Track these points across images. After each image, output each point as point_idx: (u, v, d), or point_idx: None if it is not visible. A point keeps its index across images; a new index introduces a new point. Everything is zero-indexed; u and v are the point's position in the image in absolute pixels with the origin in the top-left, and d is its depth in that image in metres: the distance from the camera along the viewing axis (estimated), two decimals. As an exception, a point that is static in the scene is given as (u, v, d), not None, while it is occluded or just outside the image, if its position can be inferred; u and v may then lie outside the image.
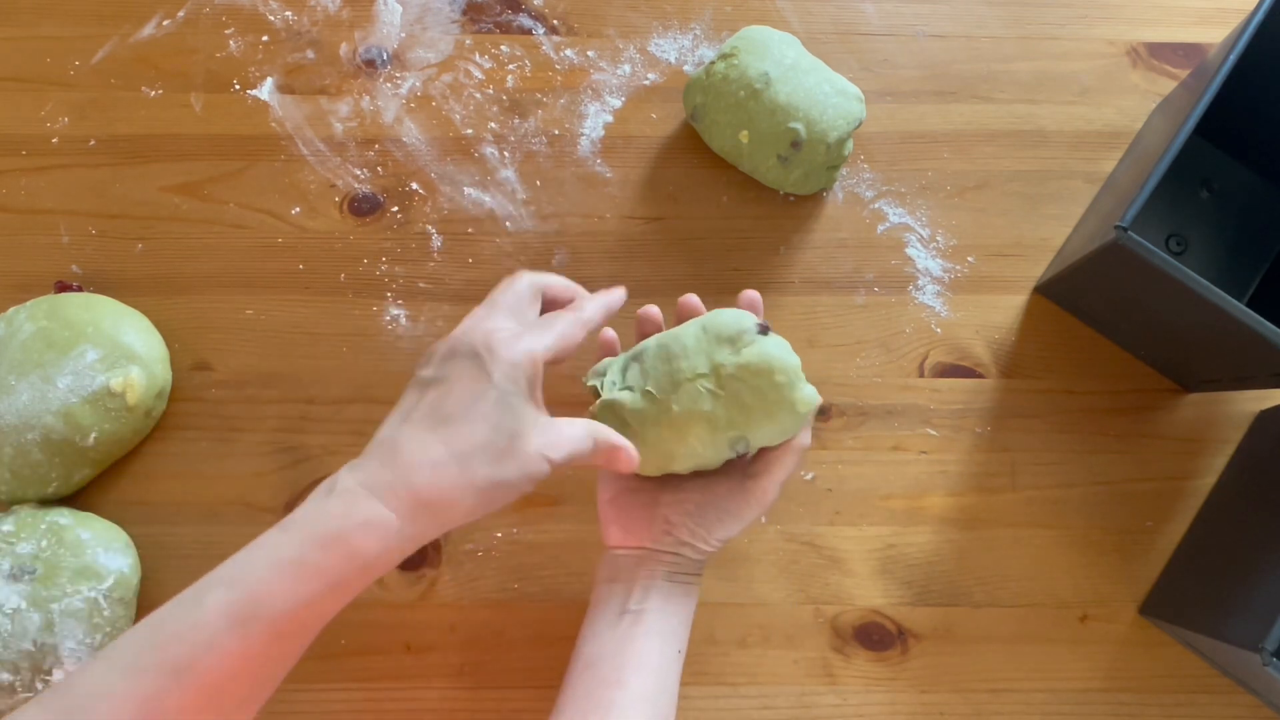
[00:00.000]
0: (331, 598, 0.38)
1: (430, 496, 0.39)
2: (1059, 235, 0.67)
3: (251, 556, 0.37)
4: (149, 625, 0.36)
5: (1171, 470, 0.62)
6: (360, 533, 0.38)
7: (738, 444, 0.48)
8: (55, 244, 0.65)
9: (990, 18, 0.72)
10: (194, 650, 0.35)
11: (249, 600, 0.36)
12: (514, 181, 0.67)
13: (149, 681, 0.35)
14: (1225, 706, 0.57)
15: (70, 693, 0.35)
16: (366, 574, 0.38)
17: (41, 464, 0.56)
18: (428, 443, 0.39)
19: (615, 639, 0.46)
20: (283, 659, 0.38)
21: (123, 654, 0.36)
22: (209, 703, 0.35)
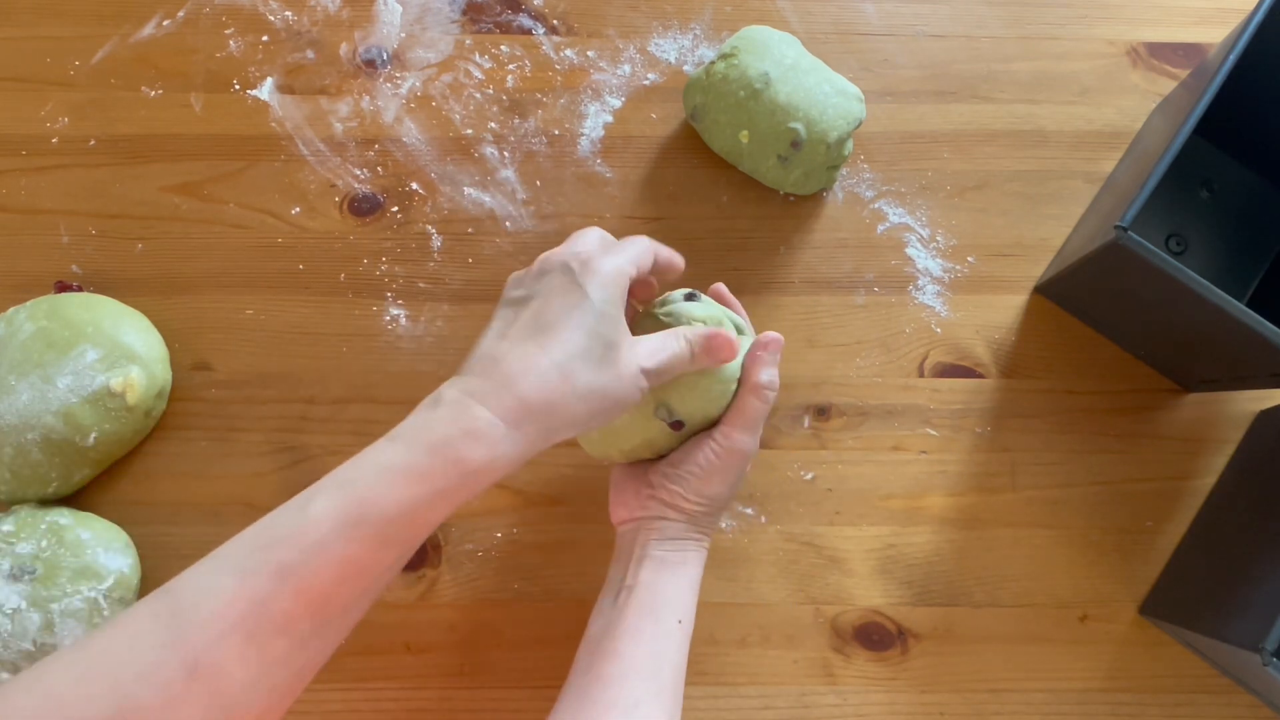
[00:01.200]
0: (438, 504, 0.38)
1: (535, 402, 0.39)
2: (1059, 235, 0.67)
3: (359, 464, 0.38)
4: (256, 530, 0.37)
5: (1171, 470, 0.62)
6: (467, 440, 0.38)
7: (661, 412, 0.48)
8: (55, 244, 0.65)
9: (990, 18, 0.72)
10: (302, 554, 0.35)
11: (357, 505, 0.36)
12: (514, 181, 0.67)
13: (257, 583, 0.35)
14: (1225, 706, 0.57)
15: (179, 592, 0.35)
16: (473, 482, 0.38)
17: (41, 464, 0.56)
18: (528, 351, 0.40)
19: (613, 614, 0.46)
20: (387, 566, 0.38)
21: (231, 556, 0.36)
22: (316, 607, 0.36)
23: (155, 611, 0.35)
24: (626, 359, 0.41)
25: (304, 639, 0.36)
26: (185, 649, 0.34)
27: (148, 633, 0.34)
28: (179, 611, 0.35)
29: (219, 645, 0.34)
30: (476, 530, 0.59)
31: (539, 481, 0.60)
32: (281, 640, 0.35)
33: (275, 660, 0.35)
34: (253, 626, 0.35)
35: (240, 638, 0.34)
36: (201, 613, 0.35)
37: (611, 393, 0.41)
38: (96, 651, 0.34)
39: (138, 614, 0.35)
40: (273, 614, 0.35)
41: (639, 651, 0.45)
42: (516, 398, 0.39)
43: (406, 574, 0.58)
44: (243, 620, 0.35)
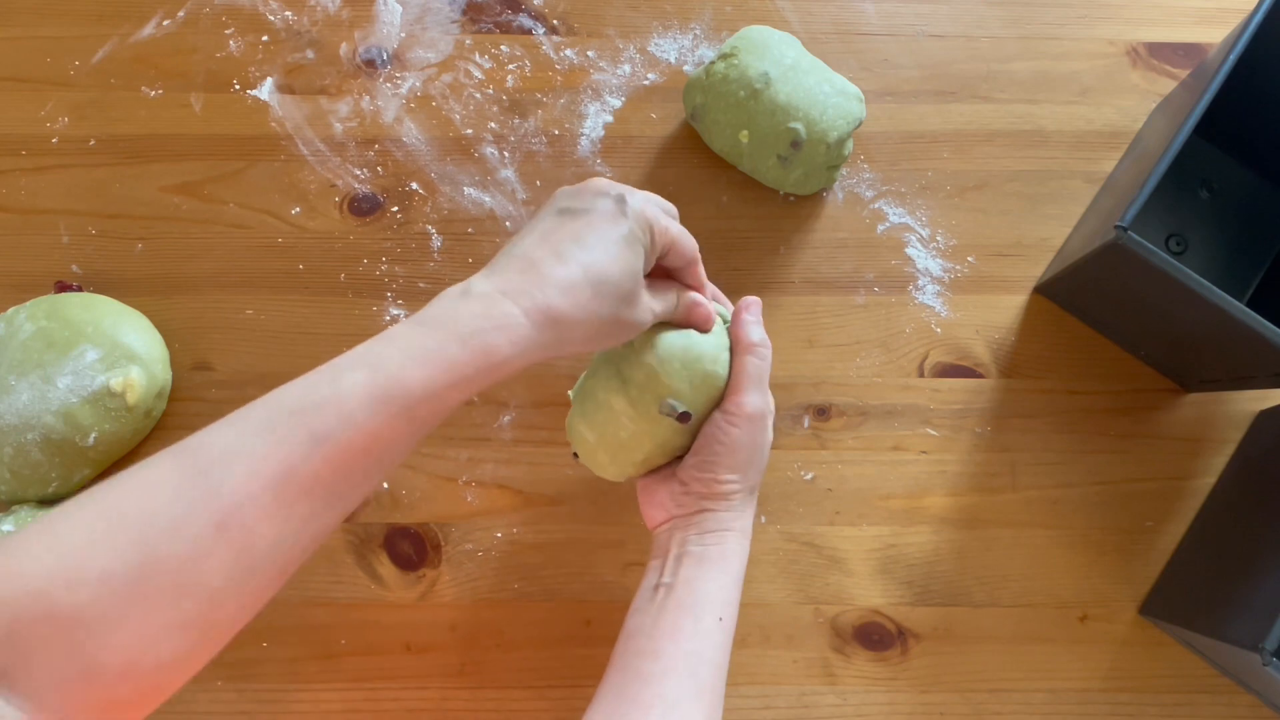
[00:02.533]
0: (463, 388, 0.40)
1: (561, 312, 0.41)
2: (1059, 235, 0.67)
3: (388, 346, 0.39)
4: (284, 394, 0.38)
5: (1171, 470, 0.62)
6: (495, 333, 0.40)
7: (664, 407, 0.48)
8: (55, 244, 0.65)
9: (990, 18, 0.72)
10: (334, 422, 0.37)
11: (388, 382, 0.38)
12: (514, 181, 0.67)
13: (289, 447, 0.36)
14: (1225, 706, 0.57)
15: (205, 448, 0.36)
16: (496, 372, 0.40)
17: (41, 464, 0.56)
18: (567, 263, 0.42)
19: (651, 612, 0.46)
20: (408, 440, 0.40)
21: (259, 419, 0.37)
22: (342, 472, 0.37)
23: (181, 466, 0.36)
24: (644, 298, 0.45)
25: (328, 501, 0.38)
26: (215, 504, 0.35)
27: (175, 486, 0.35)
28: (208, 468, 0.35)
29: (249, 503, 0.35)
30: (476, 530, 0.59)
31: (539, 481, 0.60)
32: (306, 502, 0.37)
33: (300, 520, 0.37)
34: (281, 487, 0.36)
35: (270, 497, 0.35)
36: (233, 470, 0.35)
37: (625, 323, 0.44)
38: (124, 500, 0.35)
39: (161, 468, 0.36)
40: (302, 477, 0.36)
41: (678, 651, 0.45)
42: (546, 302, 0.41)
43: (406, 574, 0.58)
44: (273, 481, 0.36)
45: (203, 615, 0.35)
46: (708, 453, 0.49)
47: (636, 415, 0.48)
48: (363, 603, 0.58)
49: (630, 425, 0.49)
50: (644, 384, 0.48)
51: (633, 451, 0.50)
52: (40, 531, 0.33)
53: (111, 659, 0.33)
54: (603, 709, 0.43)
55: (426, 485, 0.60)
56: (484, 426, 0.61)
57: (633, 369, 0.48)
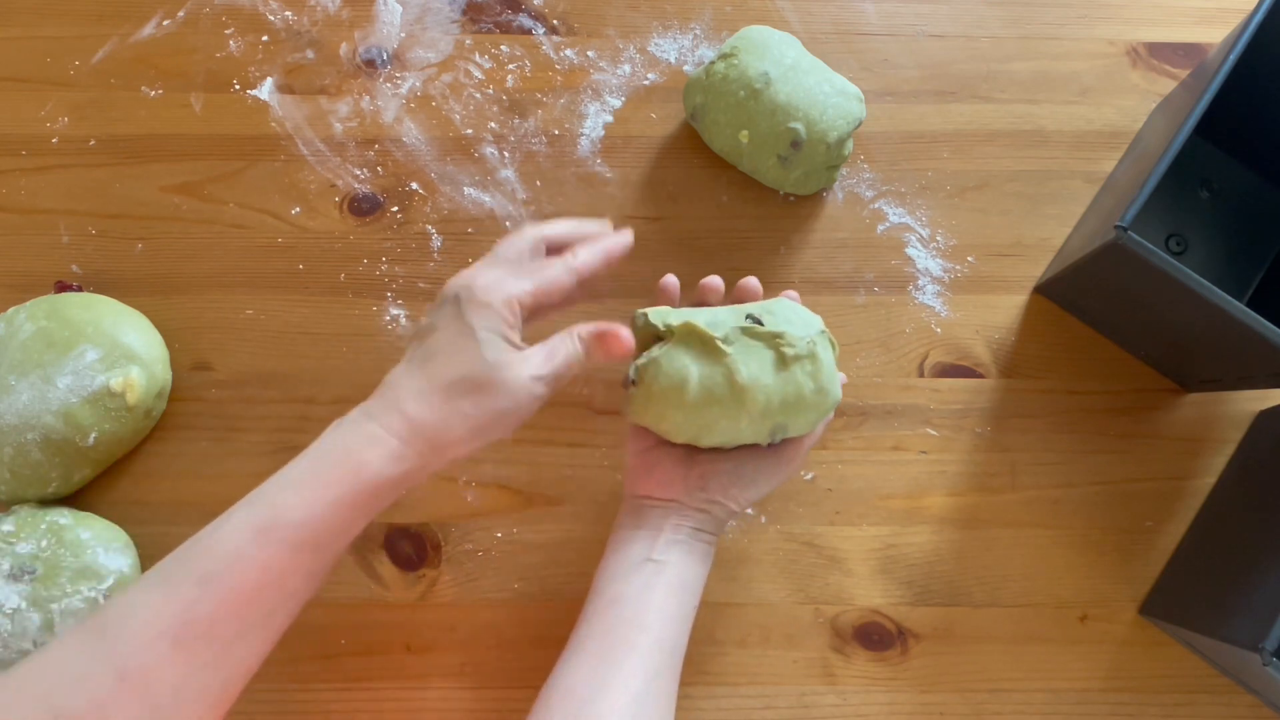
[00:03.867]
0: (344, 512, 0.41)
1: (421, 421, 0.42)
2: (1059, 235, 0.67)
3: (270, 481, 0.42)
4: (177, 551, 0.39)
5: (1171, 470, 0.62)
6: (364, 450, 0.42)
7: (776, 433, 0.49)
8: (55, 244, 0.65)
9: (990, 18, 0.72)
10: (220, 562, 0.39)
11: (268, 513, 0.40)
12: (514, 181, 0.67)
13: (180, 593, 0.38)
14: (1225, 706, 0.57)
15: (107, 611, 0.38)
16: (374, 492, 0.42)
17: (41, 464, 0.56)
18: (416, 378, 0.44)
19: (638, 583, 0.47)
20: (307, 572, 0.41)
21: (156, 572, 0.39)
22: (237, 612, 0.38)
23: (85, 629, 0.37)
24: (516, 375, 0.44)
25: (229, 643, 0.39)
26: (114, 657, 0.36)
27: (77, 647, 0.37)
28: (107, 625, 0.37)
29: (146, 651, 0.36)
30: (476, 530, 0.59)
31: (539, 481, 0.60)
32: (206, 645, 0.38)
33: (202, 664, 0.38)
34: (178, 632, 0.37)
35: (167, 644, 0.37)
36: (129, 624, 0.37)
37: (500, 409, 0.43)
38: (29, 670, 0.36)
39: (66, 637, 0.37)
40: (197, 619, 0.38)
41: (665, 628, 0.47)
42: (406, 417, 0.42)
43: (406, 574, 0.58)
44: (169, 627, 0.37)
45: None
46: (748, 477, 0.50)
47: (751, 422, 0.48)
48: (363, 603, 0.58)
49: (744, 424, 0.49)
50: (788, 404, 0.48)
51: (709, 436, 0.49)
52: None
53: None
54: (585, 666, 0.45)
55: (426, 485, 0.60)
56: (484, 426, 0.61)
57: (784, 381, 0.48)
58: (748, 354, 0.48)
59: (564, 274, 0.47)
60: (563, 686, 0.44)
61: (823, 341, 0.50)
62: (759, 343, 0.49)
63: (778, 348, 0.48)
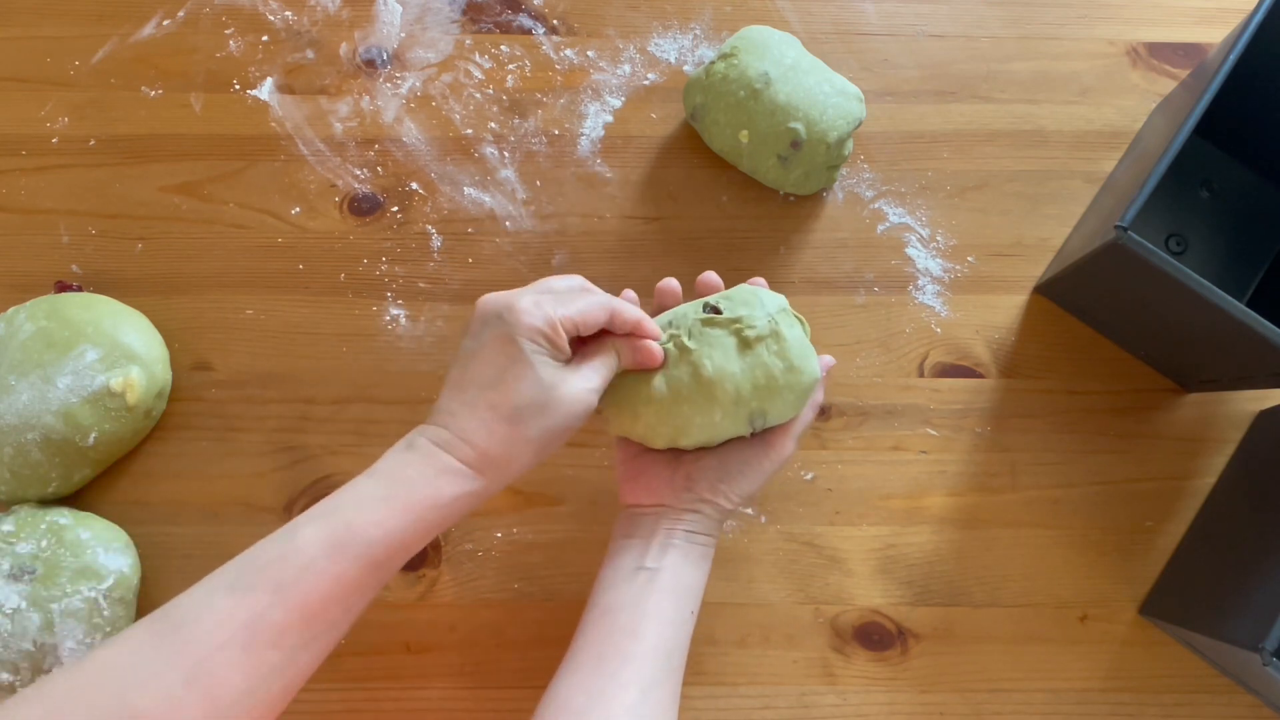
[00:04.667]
0: (418, 531, 0.42)
1: (490, 453, 0.44)
2: (1059, 235, 0.67)
3: (342, 498, 0.42)
4: (247, 555, 0.40)
5: (1171, 470, 0.62)
6: (439, 480, 0.43)
7: (756, 420, 0.48)
8: (55, 244, 0.65)
9: (990, 18, 0.72)
10: (295, 572, 0.39)
11: (344, 530, 0.41)
12: (514, 181, 0.67)
13: (253, 599, 0.38)
14: (1225, 706, 0.57)
15: (176, 610, 0.38)
16: (446, 514, 0.43)
17: (41, 464, 0.56)
18: (478, 410, 0.44)
19: (632, 592, 0.47)
20: (370, 588, 0.42)
21: (223, 578, 0.39)
22: (306, 622, 0.39)
23: (154, 628, 0.38)
24: (571, 391, 0.45)
25: (294, 651, 0.39)
26: (184, 659, 0.37)
27: (148, 646, 0.37)
28: (179, 626, 0.38)
29: (216, 655, 0.37)
30: (476, 530, 0.59)
31: (539, 481, 0.60)
32: (274, 652, 0.39)
33: (268, 671, 0.38)
34: (248, 638, 0.38)
35: (237, 649, 0.38)
36: (201, 626, 0.38)
37: (560, 426, 0.45)
38: (99, 664, 0.37)
39: (137, 631, 0.38)
40: (267, 627, 0.38)
41: (662, 636, 0.46)
42: (476, 450, 0.44)
43: (406, 574, 0.58)
44: (239, 632, 0.38)
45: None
46: (735, 471, 0.50)
47: (726, 413, 0.48)
48: (363, 603, 0.58)
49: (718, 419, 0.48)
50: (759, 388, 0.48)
51: (689, 435, 0.49)
52: (33, 693, 0.36)
53: None
54: (580, 678, 0.45)
55: (426, 485, 0.60)
56: (484, 426, 0.61)
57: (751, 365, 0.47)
58: (710, 345, 0.48)
59: (599, 309, 0.47)
60: (558, 700, 0.44)
61: (786, 319, 0.49)
62: (720, 331, 0.48)
63: (738, 333, 0.48)
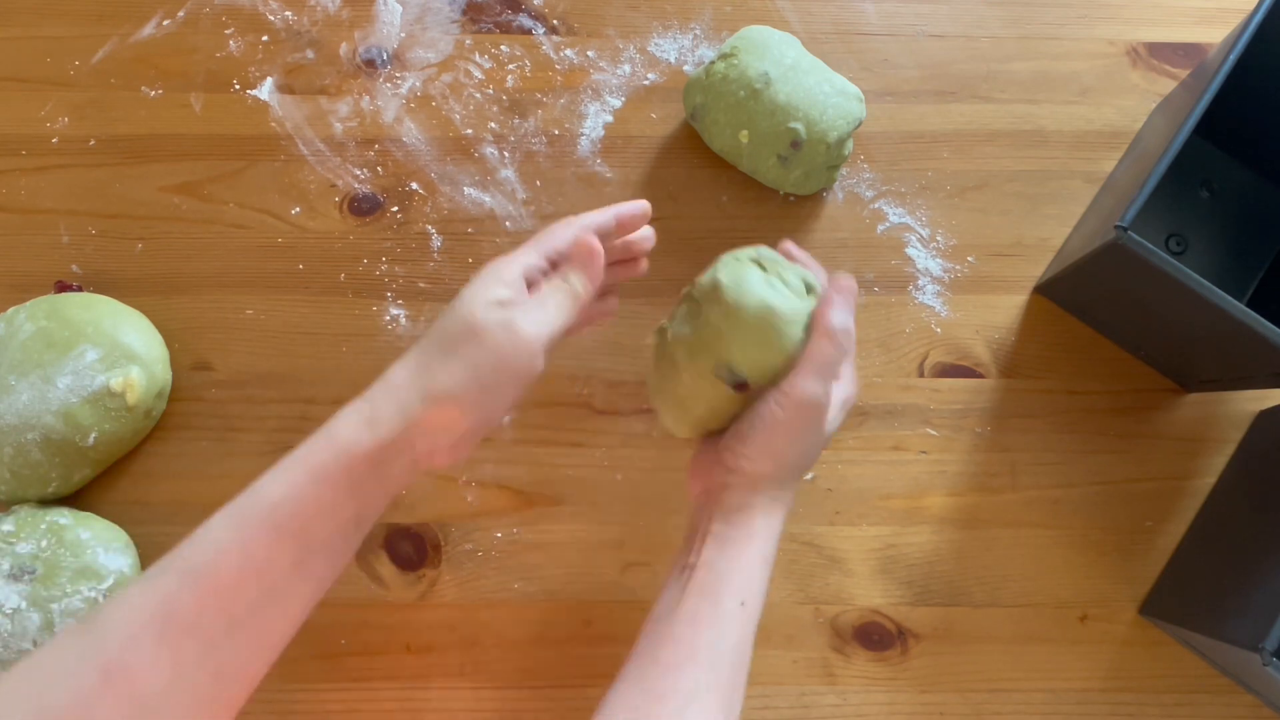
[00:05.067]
0: (322, 491, 0.39)
1: (399, 383, 0.42)
2: (1059, 235, 0.67)
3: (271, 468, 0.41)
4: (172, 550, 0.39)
5: (1171, 470, 0.62)
6: (337, 421, 0.41)
7: (721, 371, 0.45)
8: (55, 244, 0.65)
9: (990, 18, 0.72)
10: (201, 553, 0.38)
11: (247, 499, 0.39)
12: (514, 181, 0.67)
13: (162, 584, 0.37)
14: (1225, 706, 0.57)
15: (97, 610, 0.37)
16: (349, 465, 0.40)
17: (41, 464, 0.56)
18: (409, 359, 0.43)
19: (674, 594, 0.44)
20: (289, 564, 0.39)
21: (146, 572, 0.39)
22: (220, 604, 0.37)
23: (75, 628, 0.37)
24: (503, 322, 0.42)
25: (215, 640, 0.37)
26: (99, 653, 0.36)
27: (66, 645, 0.36)
28: (96, 622, 0.36)
29: (130, 647, 0.36)
30: (476, 530, 0.59)
31: (539, 481, 0.60)
32: (191, 641, 0.37)
33: (188, 662, 0.37)
34: (162, 626, 0.36)
35: (151, 639, 0.36)
36: (114, 618, 0.36)
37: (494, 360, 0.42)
38: (21, 669, 0.36)
39: (60, 634, 0.37)
40: (180, 612, 0.37)
41: (698, 638, 0.42)
42: (385, 382, 0.42)
43: (406, 574, 0.58)
44: (152, 620, 0.36)
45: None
46: (747, 426, 0.45)
47: (695, 374, 0.46)
48: (363, 603, 0.58)
49: (688, 383, 0.46)
50: (707, 342, 0.45)
51: (688, 409, 0.47)
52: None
53: None
54: (621, 697, 0.42)
55: (426, 485, 0.60)
56: (484, 426, 0.61)
57: (701, 324, 0.46)
58: (678, 320, 0.48)
59: (565, 230, 0.45)
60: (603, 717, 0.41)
61: (731, 266, 0.47)
62: (684, 305, 0.49)
63: (690, 298, 0.48)
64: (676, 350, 0.47)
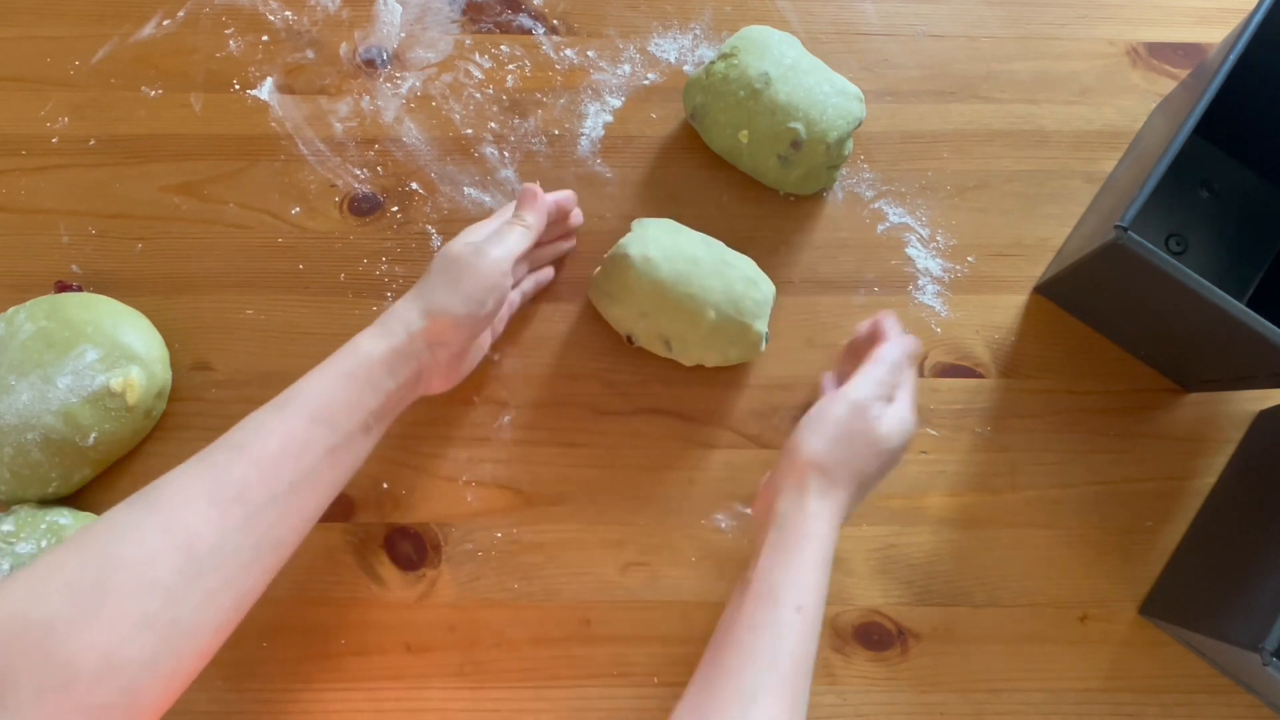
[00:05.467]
0: (349, 387, 0.48)
1: (403, 308, 0.52)
2: (1059, 235, 0.67)
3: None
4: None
5: (1171, 470, 0.62)
6: (359, 336, 0.51)
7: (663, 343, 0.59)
8: (55, 244, 0.65)
9: (990, 18, 0.72)
10: (248, 435, 0.45)
11: (286, 396, 0.47)
12: (514, 181, 0.67)
13: (212, 460, 0.44)
14: (1225, 706, 0.57)
15: (149, 487, 0.43)
16: (370, 367, 0.49)
17: (41, 464, 0.56)
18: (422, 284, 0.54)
19: (734, 604, 0.47)
20: (322, 449, 0.46)
21: (197, 453, 0.45)
22: (263, 476, 0.44)
23: (137, 495, 0.42)
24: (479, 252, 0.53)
25: (257, 509, 0.44)
26: (158, 513, 0.42)
27: (126, 511, 0.42)
28: (154, 490, 0.43)
29: (185, 508, 0.42)
30: (476, 530, 0.59)
31: (539, 481, 0.60)
32: (238, 507, 0.43)
33: (233, 527, 0.43)
34: (211, 492, 0.43)
35: (203, 502, 0.42)
36: (171, 486, 0.43)
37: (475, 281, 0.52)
38: (83, 532, 0.41)
39: (117, 506, 0.42)
40: (228, 482, 0.43)
41: (757, 642, 0.45)
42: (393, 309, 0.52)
43: (406, 574, 0.58)
44: (203, 487, 0.43)
45: (162, 613, 0.39)
46: (806, 417, 0.50)
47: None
48: (363, 603, 0.58)
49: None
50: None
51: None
52: (22, 568, 0.39)
53: (85, 661, 0.36)
54: (690, 701, 0.44)
55: (426, 485, 0.60)
56: (484, 426, 0.61)
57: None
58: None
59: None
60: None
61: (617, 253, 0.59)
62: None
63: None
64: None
